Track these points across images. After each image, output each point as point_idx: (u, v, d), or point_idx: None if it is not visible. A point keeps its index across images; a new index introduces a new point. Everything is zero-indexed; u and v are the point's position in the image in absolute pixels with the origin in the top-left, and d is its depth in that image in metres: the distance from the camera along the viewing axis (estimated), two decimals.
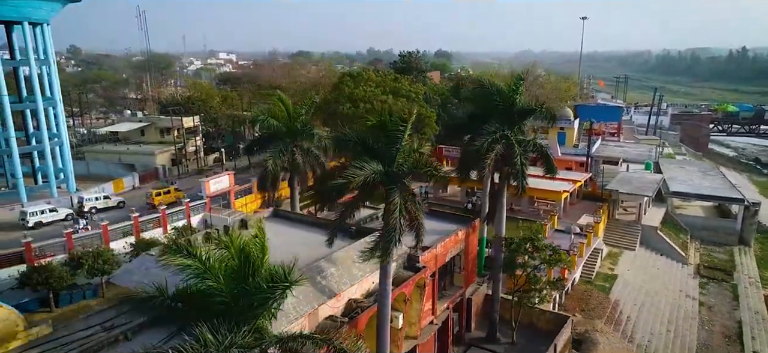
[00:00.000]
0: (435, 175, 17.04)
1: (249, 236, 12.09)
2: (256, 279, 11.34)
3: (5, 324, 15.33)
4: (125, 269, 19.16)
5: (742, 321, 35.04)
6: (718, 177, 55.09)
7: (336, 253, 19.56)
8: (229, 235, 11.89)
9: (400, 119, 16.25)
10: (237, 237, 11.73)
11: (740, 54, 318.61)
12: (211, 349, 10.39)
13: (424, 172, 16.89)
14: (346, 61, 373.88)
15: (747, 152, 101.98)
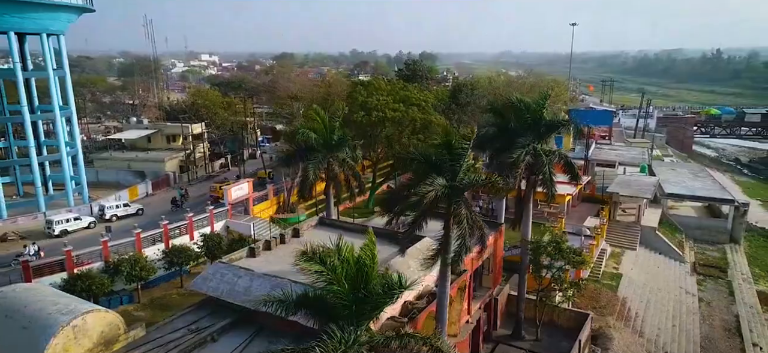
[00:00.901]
0: (495, 187, 18.82)
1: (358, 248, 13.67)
2: (370, 285, 12.97)
3: (111, 327, 16.55)
4: (202, 276, 20.33)
5: (740, 315, 37.71)
6: (707, 179, 58.28)
7: (393, 259, 21.21)
8: (338, 247, 13.38)
9: (464, 137, 18.01)
10: (349, 249, 13.29)
11: (715, 56, 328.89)
12: (339, 346, 11.93)
13: (483, 185, 18.69)
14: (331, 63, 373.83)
15: (727, 152, 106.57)
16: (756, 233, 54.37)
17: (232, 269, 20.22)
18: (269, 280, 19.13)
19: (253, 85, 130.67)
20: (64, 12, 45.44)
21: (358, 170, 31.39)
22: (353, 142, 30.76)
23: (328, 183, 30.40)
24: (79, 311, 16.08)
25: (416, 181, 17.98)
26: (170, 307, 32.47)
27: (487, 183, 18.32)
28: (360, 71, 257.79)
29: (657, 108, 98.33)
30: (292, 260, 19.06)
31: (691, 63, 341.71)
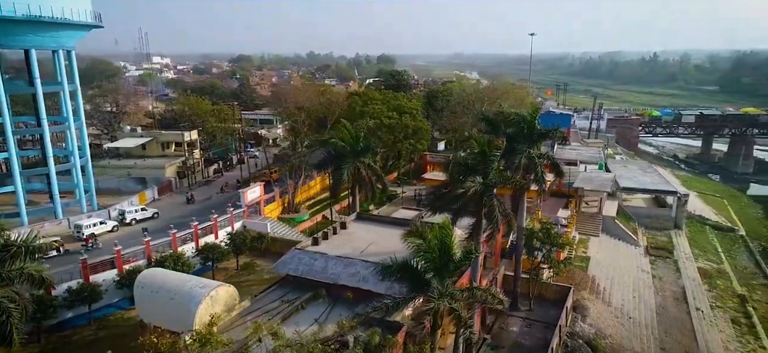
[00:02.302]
0: (516, 184, 24.58)
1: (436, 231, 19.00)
2: (451, 252, 18.31)
3: (231, 298, 21.16)
4: (282, 261, 24.98)
5: (685, 286, 45.58)
6: (654, 174, 67.04)
7: None
8: (436, 227, 18.65)
9: (496, 147, 23.68)
10: (442, 232, 18.59)
11: (652, 59, 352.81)
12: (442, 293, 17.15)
13: (507, 183, 24.45)
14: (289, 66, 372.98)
15: (667, 150, 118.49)
16: (694, 220, 63.43)
17: (307, 254, 25.11)
18: (341, 260, 24.19)
19: (225, 90, 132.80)
20: (78, 29, 48.04)
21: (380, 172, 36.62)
22: (376, 149, 35.95)
23: (353, 184, 35.50)
24: (211, 285, 20.73)
25: (455, 181, 23.53)
26: None
27: (511, 181, 24.10)
28: (323, 74, 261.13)
29: (607, 110, 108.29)
30: (348, 246, 24.43)
31: (631, 65, 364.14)
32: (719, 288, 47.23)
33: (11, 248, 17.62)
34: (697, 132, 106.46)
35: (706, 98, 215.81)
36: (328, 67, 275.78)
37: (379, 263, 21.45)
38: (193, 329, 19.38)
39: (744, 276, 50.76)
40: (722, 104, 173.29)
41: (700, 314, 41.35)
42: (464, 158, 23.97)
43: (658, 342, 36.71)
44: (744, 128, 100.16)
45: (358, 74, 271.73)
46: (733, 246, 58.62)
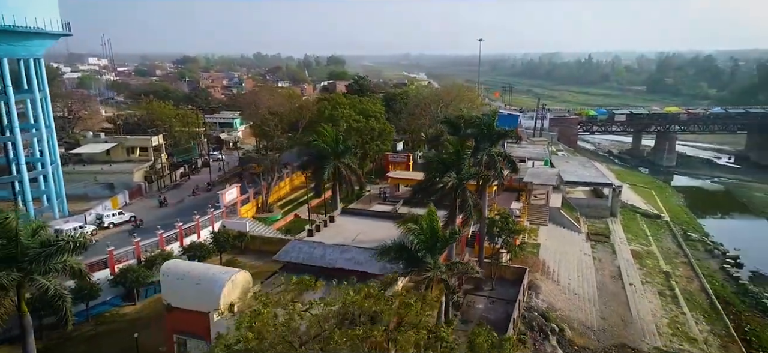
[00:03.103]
0: (482, 178, 29.04)
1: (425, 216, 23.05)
2: (439, 234, 22.45)
3: (247, 282, 24.35)
4: (284, 250, 28.23)
5: (620, 266, 52.14)
6: (592, 168, 74.48)
7: None
8: (425, 214, 22.68)
9: (466, 147, 28.04)
10: (429, 217, 22.65)
11: (587, 61, 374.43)
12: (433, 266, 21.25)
13: (478, 177, 28.89)
14: (237, 67, 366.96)
15: (602, 146, 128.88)
16: (627, 209, 71.11)
17: (306, 243, 28.61)
18: (338, 247, 27.84)
19: (179, 93, 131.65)
20: (49, 38, 48.76)
21: (359, 171, 40.36)
22: (355, 150, 39.66)
23: (335, 182, 39.06)
24: (231, 271, 23.89)
25: (434, 176, 27.74)
26: None
27: (481, 176, 28.58)
28: (274, 76, 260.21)
29: (549, 110, 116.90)
30: (340, 236, 28.15)
31: (569, 67, 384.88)
32: (648, 266, 54.21)
33: (61, 243, 20.05)
34: (628, 130, 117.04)
35: (634, 97, 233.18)
36: (279, 68, 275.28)
37: (371, 249, 25.38)
38: (218, 308, 22.54)
39: (668, 256, 58.21)
40: (649, 103, 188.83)
41: (632, 288, 47.79)
42: (441, 157, 28.18)
43: (599, 313, 42.58)
44: (667, 125, 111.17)
45: (309, 75, 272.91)
46: (660, 231, 66.48)
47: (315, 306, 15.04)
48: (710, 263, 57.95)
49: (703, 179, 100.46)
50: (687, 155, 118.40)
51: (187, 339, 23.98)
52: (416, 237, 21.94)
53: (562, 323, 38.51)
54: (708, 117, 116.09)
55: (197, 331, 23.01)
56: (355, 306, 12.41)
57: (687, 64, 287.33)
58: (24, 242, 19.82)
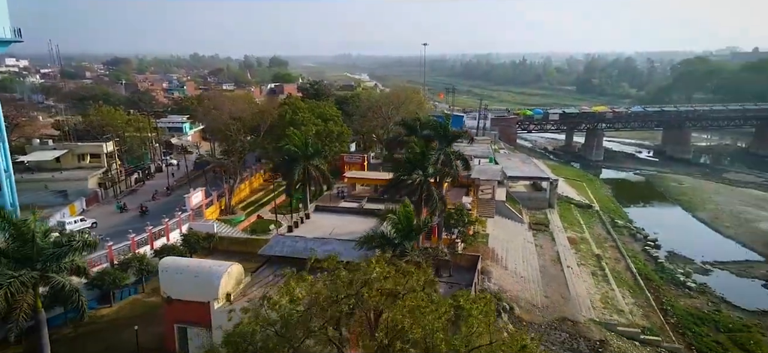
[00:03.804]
0: (443, 175, 32.84)
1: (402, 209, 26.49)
2: (413, 223, 25.97)
3: (240, 274, 26.83)
4: (269, 245, 30.68)
5: (559, 251, 58.09)
6: (531, 164, 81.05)
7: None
8: (401, 206, 26.07)
9: (431, 148, 31.75)
10: (405, 208, 26.09)
11: (521, 62, 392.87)
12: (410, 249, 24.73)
13: (443, 175, 32.65)
14: (175, 69, 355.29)
15: (539, 143, 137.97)
16: (563, 200, 78.06)
17: (289, 237, 31.32)
18: (318, 240, 30.77)
19: (119, 97, 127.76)
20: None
21: (327, 173, 43.14)
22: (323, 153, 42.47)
23: (305, 183, 41.75)
24: (226, 264, 26.31)
25: (404, 173, 31.28)
26: None
27: (444, 173, 32.42)
28: (216, 78, 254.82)
29: (490, 110, 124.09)
30: (318, 231, 31.17)
31: (504, 67, 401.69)
32: (582, 251, 60.59)
33: (73, 243, 21.77)
34: (561, 128, 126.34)
35: (565, 96, 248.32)
36: (221, 70, 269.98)
37: (349, 240, 28.56)
38: (217, 297, 24.93)
39: (599, 241, 65.08)
40: (578, 102, 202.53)
41: (570, 270, 53.65)
42: (408, 157, 31.76)
43: (543, 292, 47.85)
44: (595, 123, 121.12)
45: (251, 77, 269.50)
46: (591, 219, 73.68)
47: (318, 284, 17.53)
48: (634, 246, 65.32)
49: (627, 171, 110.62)
50: (613, 150, 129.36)
51: (188, 327, 26.11)
52: (394, 227, 25.32)
53: (512, 302, 43.28)
54: (630, 115, 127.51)
55: (198, 319, 25.25)
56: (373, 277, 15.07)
57: (610, 65, 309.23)
58: (39, 244, 21.42)
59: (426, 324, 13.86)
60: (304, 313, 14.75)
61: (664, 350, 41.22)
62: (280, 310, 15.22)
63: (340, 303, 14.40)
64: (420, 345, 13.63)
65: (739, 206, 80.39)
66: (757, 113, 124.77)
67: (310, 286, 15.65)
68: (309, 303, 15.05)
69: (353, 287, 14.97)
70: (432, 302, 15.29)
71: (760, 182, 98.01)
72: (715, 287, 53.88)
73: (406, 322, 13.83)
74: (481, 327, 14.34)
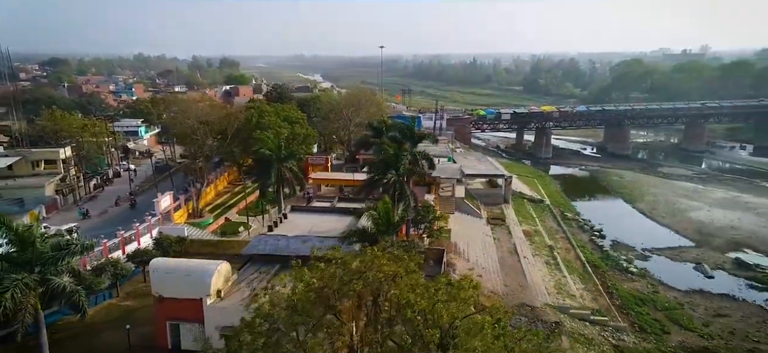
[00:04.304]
0: (411, 173, 35.31)
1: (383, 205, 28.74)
2: (392, 219, 28.31)
3: (228, 271, 28.27)
4: (252, 244, 32.09)
5: (515, 243, 62.08)
6: (487, 162, 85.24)
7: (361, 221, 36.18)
8: (380, 203, 28.29)
9: (403, 150, 34.15)
10: (384, 205, 28.34)
11: (472, 63, 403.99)
12: (389, 242, 27.07)
13: (412, 174, 35.12)
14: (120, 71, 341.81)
15: (492, 142, 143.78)
16: (517, 196, 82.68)
17: (271, 236, 32.91)
18: (299, 238, 32.55)
19: (66, 100, 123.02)
20: None
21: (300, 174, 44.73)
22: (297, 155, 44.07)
23: (279, 184, 43.23)
24: (216, 263, 27.75)
25: (379, 173, 33.57)
26: (146, 296, 41.12)
27: (415, 173, 34.93)
28: (165, 79, 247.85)
29: (446, 111, 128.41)
30: (297, 230, 33.08)
31: (455, 68, 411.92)
32: (536, 242, 64.91)
33: (72, 246, 22.68)
34: (512, 127, 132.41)
35: (514, 96, 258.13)
36: (170, 72, 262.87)
37: (330, 237, 30.57)
38: (210, 294, 26.36)
39: (551, 233, 69.76)
40: (526, 102, 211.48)
41: (526, 260, 57.62)
42: (382, 158, 34.05)
43: (503, 281, 51.38)
44: (544, 122, 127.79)
45: (202, 78, 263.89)
46: (543, 213, 78.56)
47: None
48: (582, 237, 70.43)
49: (574, 167, 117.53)
50: (560, 147, 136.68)
51: (181, 323, 27.28)
52: (374, 222, 27.53)
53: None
54: (575, 115, 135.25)
55: (191, 316, 26.52)
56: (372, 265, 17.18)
57: (555, 66, 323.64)
58: (38, 248, 22.25)
59: (429, 297, 16.27)
60: (322, 291, 16.69)
61: (611, 328, 45.46)
62: (296, 294, 17.09)
63: (352, 283, 16.44)
64: (422, 315, 15.98)
65: (673, 197, 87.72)
66: (686, 111, 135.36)
67: (321, 272, 17.57)
68: (323, 284, 16.99)
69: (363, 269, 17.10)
70: (428, 280, 17.71)
71: (690, 175, 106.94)
72: (653, 271, 59.32)
73: (411, 296, 16.13)
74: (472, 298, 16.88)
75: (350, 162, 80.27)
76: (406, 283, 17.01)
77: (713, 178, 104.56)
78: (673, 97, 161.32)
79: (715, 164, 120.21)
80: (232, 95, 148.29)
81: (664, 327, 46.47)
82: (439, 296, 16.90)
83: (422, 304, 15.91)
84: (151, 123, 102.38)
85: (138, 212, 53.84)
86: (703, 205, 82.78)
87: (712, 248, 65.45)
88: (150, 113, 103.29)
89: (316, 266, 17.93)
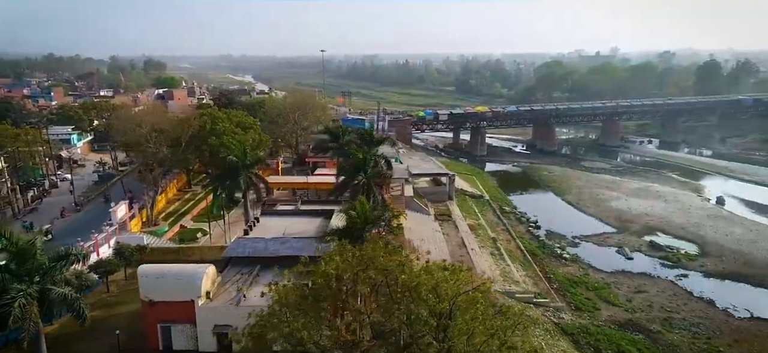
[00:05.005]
0: (383, 176, 38.21)
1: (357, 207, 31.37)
2: (369, 217, 31.02)
3: (214, 274, 29.79)
4: (231, 247, 33.46)
5: (463, 237, 66.70)
6: (430, 162, 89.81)
7: (333, 219, 38.57)
8: (357, 203, 30.89)
9: (372, 154, 36.91)
10: (361, 205, 30.96)
11: (404, 64, 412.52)
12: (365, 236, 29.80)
13: (379, 176, 37.97)
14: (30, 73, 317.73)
15: (430, 142, 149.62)
16: (459, 193, 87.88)
17: (250, 239, 34.57)
18: (277, 240, 34.45)
19: None
20: None
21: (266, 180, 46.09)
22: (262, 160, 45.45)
23: (245, 189, 44.52)
24: (203, 267, 29.28)
25: (349, 176, 36.15)
26: (111, 305, 41.16)
27: (380, 175, 37.86)
28: (84, 82, 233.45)
29: (387, 113, 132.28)
30: (272, 232, 35.17)
31: (389, 69, 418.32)
32: (481, 235, 69.96)
33: (71, 256, 23.48)
34: (449, 127, 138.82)
35: (447, 97, 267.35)
36: (91, 74, 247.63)
37: (306, 237, 32.87)
38: (200, 295, 27.84)
39: (492, 226, 75.24)
40: (459, 102, 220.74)
41: (473, 251, 62.30)
42: (352, 162, 36.63)
43: None
44: (478, 122, 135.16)
45: (125, 80, 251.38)
46: (483, 208, 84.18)
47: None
48: (520, 228, 76.53)
49: (507, 164, 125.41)
50: (494, 145, 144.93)
51: (172, 325, 28.41)
52: (351, 220, 30.12)
53: None
54: (506, 114, 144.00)
55: (182, 318, 27.79)
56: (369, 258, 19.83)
57: (483, 67, 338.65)
58: (39, 259, 22.96)
59: (437, 277, 19.26)
60: (341, 278, 19.15)
61: (551, 309, 50.83)
62: (315, 283, 19.43)
63: (367, 270, 19.09)
64: (433, 292, 18.95)
65: (595, 189, 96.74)
66: (604, 110, 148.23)
67: (336, 264, 19.99)
68: (341, 272, 19.46)
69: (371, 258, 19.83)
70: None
71: (609, 168, 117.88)
72: (583, 256, 66.07)
73: (422, 277, 19.02)
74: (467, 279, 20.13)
75: (299, 165, 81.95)
76: (411, 268, 19.91)
77: (628, 170, 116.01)
78: (590, 96, 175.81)
79: (628, 157, 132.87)
80: (165, 99, 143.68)
81: (595, 304, 52.50)
82: (440, 277, 19.98)
83: (430, 284, 18.88)
84: (83, 130, 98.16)
85: (87, 222, 52.66)
86: (621, 195, 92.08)
87: (630, 233, 73.58)
88: (81, 120, 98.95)
89: (332, 258, 20.35)
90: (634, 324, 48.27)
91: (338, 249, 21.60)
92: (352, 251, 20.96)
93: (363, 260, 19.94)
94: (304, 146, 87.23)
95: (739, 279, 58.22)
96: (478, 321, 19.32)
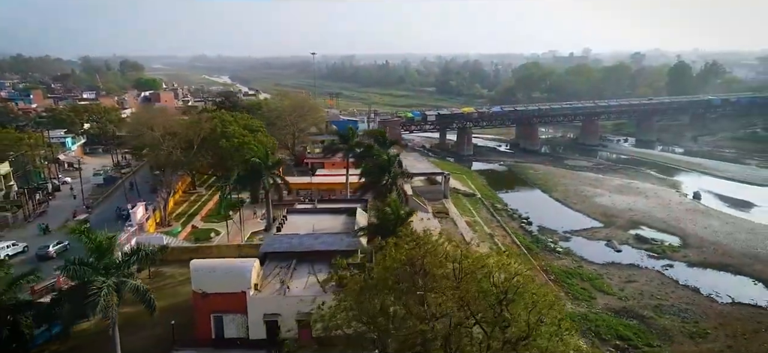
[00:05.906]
0: (406, 176, 40.75)
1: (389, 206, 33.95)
2: (401, 214, 33.61)
3: (258, 268, 32.00)
4: (267, 243, 35.63)
5: (462, 233, 69.90)
6: (425, 162, 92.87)
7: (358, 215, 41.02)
8: (391, 200, 33.45)
9: (394, 156, 39.46)
10: (394, 202, 33.53)
11: (384, 65, 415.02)
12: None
13: (399, 175, 40.55)
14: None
15: (417, 142, 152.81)
16: (452, 192, 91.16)
17: (284, 236, 36.79)
18: (311, 235, 36.73)
19: None
20: None
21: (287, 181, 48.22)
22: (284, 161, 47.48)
23: (267, 191, 46.58)
24: (251, 261, 31.44)
25: (376, 177, 38.68)
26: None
27: (402, 175, 40.48)
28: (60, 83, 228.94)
29: (378, 114, 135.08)
30: (303, 229, 37.53)
31: (369, 70, 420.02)
32: (479, 231, 73.27)
33: (141, 253, 25.46)
34: (437, 127, 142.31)
35: (428, 97, 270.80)
36: (68, 76, 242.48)
37: (337, 233, 35.35)
38: (250, 287, 30.10)
39: (487, 222, 78.69)
40: (439, 102, 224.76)
41: (475, 246, 65.48)
42: (377, 163, 39.18)
43: None
44: (465, 122, 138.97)
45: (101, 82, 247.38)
46: (477, 205, 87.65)
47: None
48: (513, 224, 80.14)
49: (493, 163, 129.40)
50: (479, 145, 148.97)
51: (223, 315, 30.54)
52: (384, 216, 32.69)
53: None
54: (491, 115, 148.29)
55: (234, 308, 29.96)
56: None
57: (462, 67, 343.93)
58: (113, 255, 24.93)
59: (489, 259, 22.38)
60: (413, 262, 21.87)
61: None
62: (388, 267, 22.08)
63: (439, 256, 21.90)
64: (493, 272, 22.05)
65: (580, 186, 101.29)
66: (583, 110, 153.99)
67: (407, 251, 22.67)
68: (412, 257, 22.28)
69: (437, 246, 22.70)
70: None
71: (590, 166, 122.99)
72: (575, 249, 69.91)
73: (489, 260, 21.89)
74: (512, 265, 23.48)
75: (297, 166, 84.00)
76: (469, 254, 22.79)
77: (608, 168, 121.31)
78: (567, 96, 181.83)
79: (607, 155, 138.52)
80: (151, 101, 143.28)
81: (591, 294, 56.18)
82: (492, 262, 23.01)
83: (495, 265, 21.94)
84: (75, 134, 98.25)
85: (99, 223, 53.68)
86: (604, 191, 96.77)
87: (616, 227, 77.93)
88: (73, 123, 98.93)
89: (402, 246, 23.01)
90: (628, 311, 52.06)
91: (395, 241, 24.29)
92: (414, 241, 23.62)
93: (427, 249, 22.65)
94: (300, 147, 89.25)
95: (720, 268, 62.85)
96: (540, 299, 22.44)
